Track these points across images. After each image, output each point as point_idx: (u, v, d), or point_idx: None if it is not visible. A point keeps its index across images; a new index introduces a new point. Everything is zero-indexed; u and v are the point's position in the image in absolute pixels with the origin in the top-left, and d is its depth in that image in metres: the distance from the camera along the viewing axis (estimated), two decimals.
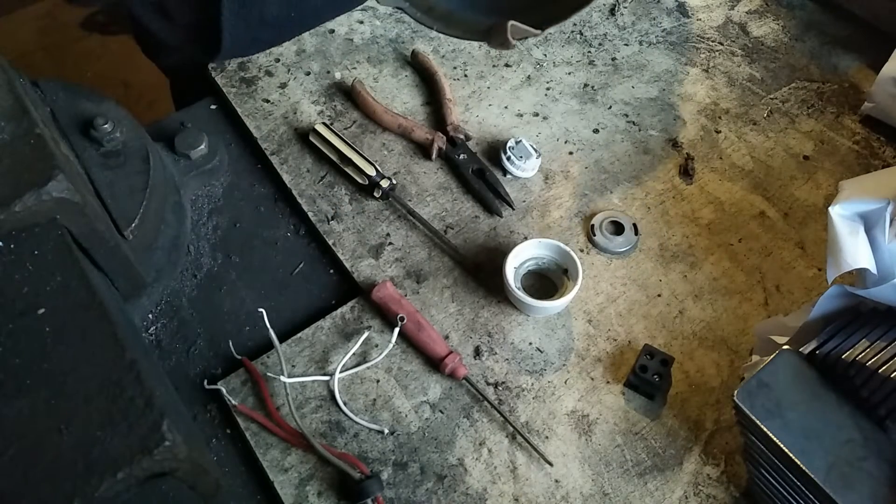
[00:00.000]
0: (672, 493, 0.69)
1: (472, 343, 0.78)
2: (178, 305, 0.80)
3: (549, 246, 0.81)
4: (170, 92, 1.20)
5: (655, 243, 0.86)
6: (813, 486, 0.56)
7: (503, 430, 0.73)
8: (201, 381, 0.74)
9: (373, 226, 0.87)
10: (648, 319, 0.80)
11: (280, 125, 0.95)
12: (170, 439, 0.50)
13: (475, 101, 0.99)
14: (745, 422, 0.59)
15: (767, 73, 1.04)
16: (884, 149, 0.96)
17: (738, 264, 0.85)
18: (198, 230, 0.86)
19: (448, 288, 0.82)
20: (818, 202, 0.91)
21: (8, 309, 0.55)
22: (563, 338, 0.79)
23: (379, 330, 0.78)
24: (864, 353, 0.58)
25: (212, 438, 0.72)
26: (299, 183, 0.89)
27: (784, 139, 0.97)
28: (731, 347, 0.79)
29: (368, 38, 1.05)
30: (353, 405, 0.73)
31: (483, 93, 1.00)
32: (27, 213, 0.58)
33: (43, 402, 0.51)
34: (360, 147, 0.91)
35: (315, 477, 0.69)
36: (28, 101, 0.64)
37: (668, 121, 0.98)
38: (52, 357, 0.53)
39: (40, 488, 0.48)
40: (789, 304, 0.82)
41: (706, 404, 0.75)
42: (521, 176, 0.91)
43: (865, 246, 0.62)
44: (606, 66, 1.04)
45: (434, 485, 0.69)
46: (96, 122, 0.75)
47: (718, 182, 0.92)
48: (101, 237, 0.65)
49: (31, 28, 2.42)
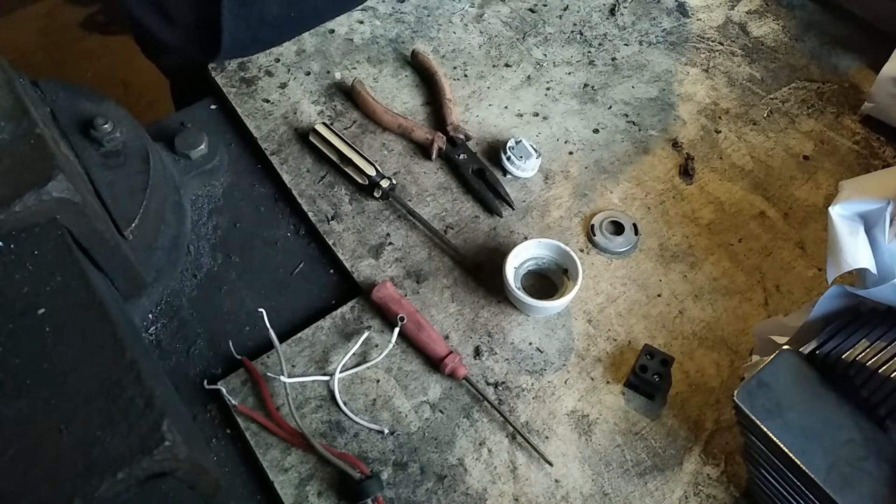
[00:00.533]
0: (672, 493, 0.69)
1: (472, 343, 0.78)
2: (178, 305, 0.80)
3: (549, 246, 0.81)
4: (170, 92, 1.20)
5: (655, 243, 0.86)
6: (813, 486, 0.56)
7: (503, 430, 0.73)
8: (201, 381, 0.74)
9: (373, 226, 0.87)
10: (648, 319, 0.80)
11: (280, 125, 0.95)
12: (170, 439, 0.50)
13: (475, 101, 0.99)
14: (745, 422, 0.59)
15: (767, 73, 1.04)
16: (884, 149, 0.96)
17: (738, 264, 0.85)
18: (198, 230, 0.86)
19: (448, 288, 0.82)
20: (818, 202, 0.91)
21: (8, 309, 0.55)
22: (563, 338, 0.79)
23: (379, 330, 0.78)
24: (864, 353, 0.58)
25: (212, 438, 0.72)
26: (299, 183, 0.89)
27: (784, 139, 0.97)
28: (731, 347, 0.79)
29: (368, 38, 1.05)
30: (353, 405, 0.73)
31: (483, 93, 1.00)
32: (27, 213, 0.58)
33: (43, 402, 0.51)
34: (360, 147, 0.91)
35: (315, 477, 0.69)
36: (28, 101, 0.64)
37: (668, 121, 0.98)
38: (52, 357, 0.53)
39: (40, 488, 0.48)
40: (789, 304, 0.82)
41: (706, 404, 0.75)
42: (521, 176, 0.91)
43: (865, 246, 0.62)
44: (606, 66, 1.04)
45: (434, 485, 0.69)
46: (96, 122, 0.75)
47: (718, 182, 0.92)
48: (101, 237, 0.65)
49: (31, 28, 2.42)
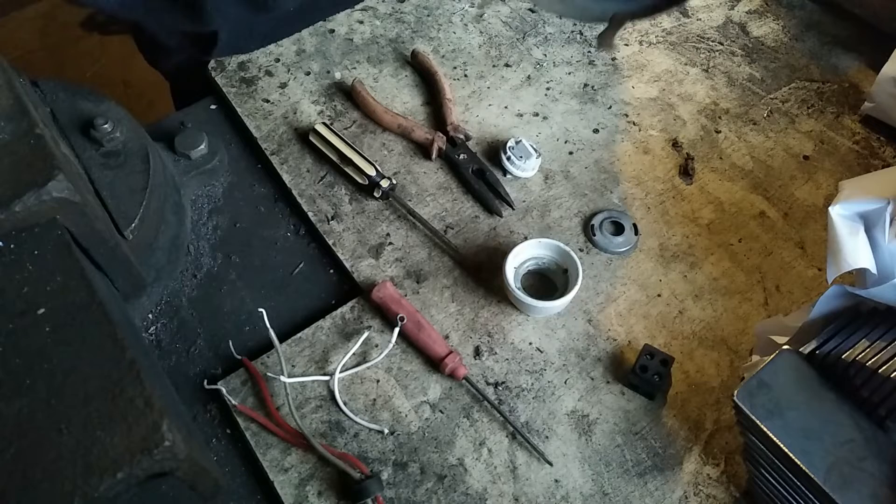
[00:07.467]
0: (672, 493, 0.69)
1: (472, 343, 0.78)
2: (178, 305, 0.80)
3: (549, 246, 0.81)
4: (170, 92, 1.20)
5: (655, 243, 0.86)
6: (813, 486, 0.56)
7: (503, 430, 0.73)
8: (201, 381, 0.74)
9: (373, 226, 0.87)
10: (648, 319, 0.80)
11: (280, 125, 0.95)
12: (170, 439, 0.50)
13: (475, 101, 0.99)
14: (745, 422, 0.59)
15: (767, 73, 1.04)
16: (884, 149, 0.96)
17: (738, 264, 0.85)
18: (198, 230, 0.86)
19: (448, 288, 0.82)
20: (818, 202, 0.91)
21: (8, 309, 0.55)
22: (563, 338, 0.79)
23: (379, 330, 0.78)
24: (864, 353, 0.58)
25: (212, 438, 0.72)
26: (299, 183, 0.89)
27: (784, 139, 0.97)
28: (731, 347, 0.79)
29: (368, 38, 1.05)
30: (353, 405, 0.73)
31: (483, 93, 1.00)
32: (27, 213, 0.58)
33: (43, 402, 0.51)
34: (360, 147, 0.91)
35: (315, 477, 0.69)
36: (28, 101, 0.64)
37: (668, 121, 0.98)
38: (52, 357, 0.53)
39: (40, 488, 0.48)
40: (789, 304, 0.82)
41: (706, 404, 0.75)
42: (521, 176, 0.91)
43: (865, 246, 0.62)
44: (606, 66, 1.04)
45: (434, 485, 0.69)
46: (96, 122, 0.75)
47: (718, 182, 0.92)
48: (101, 237, 0.65)
49: (31, 28, 2.42)
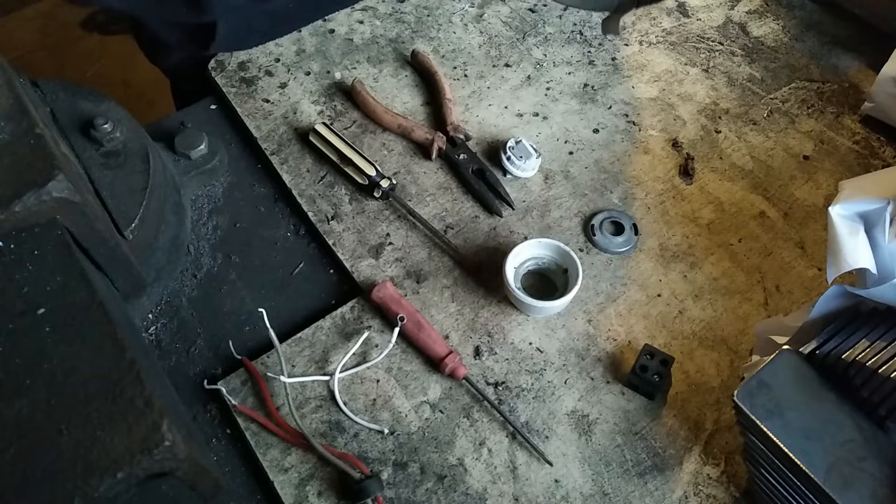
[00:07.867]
0: (672, 493, 0.69)
1: (472, 343, 0.78)
2: (178, 305, 0.80)
3: (549, 246, 0.81)
4: (170, 92, 1.20)
5: (655, 243, 0.86)
6: (813, 486, 0.56)
7: (503, 430, 0.73)
8: (201, 381, 0.74)
9: (373, 226, 0.87)
10: (648, 319, 0.80)
11: (280, 125, 0.95)
12: (170, 439, 0.50)
13: (475, 101, 0.99)
14: (745, 422, 0.59)
15: (767, 73, 1.04)
16: (884, 149, 0.96)
17: (738, 264, 0.85)
18: (198, 230, 0.86)
19: (448, 288, 0.82)
20: (818, 202, 0.91)
21: (8, 309, 0.55)
22: (563, 338, 0.79)
23: (379, 330, 0.78)
24: (864, 353, 0.58)
25: (212, 438, 0.72)
26: (299, 183, 0.89)
27: (784, 139, 0.97)
28: (731, 347, 0.79)
29: (368, 38, 1.05)
30: (353, 405, 0.73)
31: (483, 93, 1.00)
32: (27, 213, 0.58)
33: (43, 402, 0.51)
34: (360, 147, 0.91)
35: (315, 477, 0.69)
36: (28, 101, 0.64)
37: (668, 121, 0.98)
38: (52, 357, 0.53)
39: (40, 488, 0.48)
40: (789, 304, 0.82)
41: (706, 404, 0.75)
42: (521, 176, 0.91)
43: (865, 246, 0.62)
44: (606, 66, 1.04)
45: (434, 485, 0.69)
46: (96, 122, 0.75)
47: (718, 182, 0.92)
48: (101, 237, 0.65)
49: (31, 28, 2.42)
